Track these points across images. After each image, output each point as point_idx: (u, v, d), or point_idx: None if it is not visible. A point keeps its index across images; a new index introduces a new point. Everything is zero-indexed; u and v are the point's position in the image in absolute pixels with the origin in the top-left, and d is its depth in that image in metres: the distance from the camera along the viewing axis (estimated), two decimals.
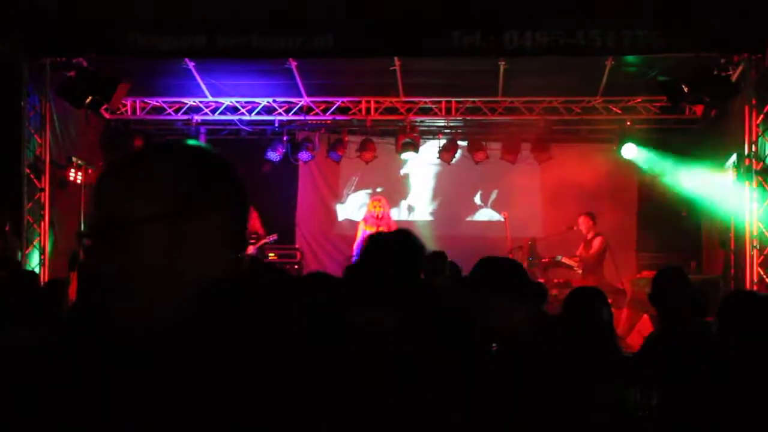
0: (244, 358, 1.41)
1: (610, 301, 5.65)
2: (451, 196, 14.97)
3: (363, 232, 12.22)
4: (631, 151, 13.34)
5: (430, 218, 15.11)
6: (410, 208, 15.08)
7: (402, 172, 15.04)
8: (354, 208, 14.90)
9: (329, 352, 1.49)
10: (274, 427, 1.40)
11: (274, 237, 13.37)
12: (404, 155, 13.72)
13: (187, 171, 1.51)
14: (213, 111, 13.48)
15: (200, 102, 13.35)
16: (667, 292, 4.88)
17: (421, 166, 14.78)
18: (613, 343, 4.17)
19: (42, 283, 10.73)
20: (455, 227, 14.65)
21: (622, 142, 13.27)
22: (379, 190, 14.70)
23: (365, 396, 1.55)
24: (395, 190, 14.91)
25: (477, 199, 14.85)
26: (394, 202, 14.28)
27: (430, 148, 14.22)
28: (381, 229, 11.94)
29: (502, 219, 13.22)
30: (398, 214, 14.10)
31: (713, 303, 5.05)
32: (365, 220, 12.54)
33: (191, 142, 1.61)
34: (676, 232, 13.69)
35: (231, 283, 1.49)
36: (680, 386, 3.98)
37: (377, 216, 12.25)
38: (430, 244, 7.54)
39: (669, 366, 4.18)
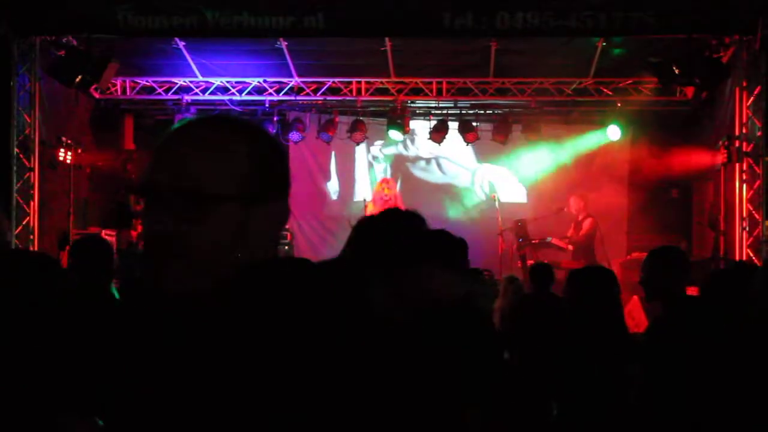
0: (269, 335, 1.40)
1: None
2: (438, 177, 14.95)
3: (371, 212, 12.27)
4: (615, 133, 13.40)
5: None
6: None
7: (389, 152, 15.01)
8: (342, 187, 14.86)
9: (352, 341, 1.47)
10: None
11: None
12: (391, 135, 13.69)
13: (261, 155, 1.53)
14: (203, 91, 13.42)
15: (190, 82, 13.29)
16: (667, 271, 4.92)
17: (410, 146, 14.73)
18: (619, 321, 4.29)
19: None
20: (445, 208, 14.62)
21: (609, 123, 13.32)
22: (366, 171, 14.74)
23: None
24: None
25: (467, 181, 14.84)
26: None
27: (421, 128, 14.19)
28: None
29: (493, 200, 13.22)
30: None
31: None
32: (373, 201, 12.46)
33: (257, 124, 1.64)
34: (666, 213, 13.74)
35: (271, 263, 1.52)
36: (681, 362, 4.05)
37: (386, 198, 12.21)
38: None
39: (671, 342, 4.25)
